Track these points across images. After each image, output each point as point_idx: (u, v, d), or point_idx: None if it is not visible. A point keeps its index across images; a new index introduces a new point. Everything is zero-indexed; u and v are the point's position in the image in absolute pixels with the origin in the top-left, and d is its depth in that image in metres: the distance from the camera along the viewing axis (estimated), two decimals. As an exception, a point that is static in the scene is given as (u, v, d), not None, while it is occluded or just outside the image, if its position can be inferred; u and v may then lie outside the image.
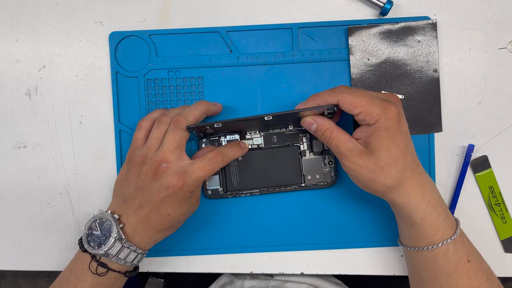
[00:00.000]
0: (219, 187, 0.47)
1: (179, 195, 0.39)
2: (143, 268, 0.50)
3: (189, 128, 0.41)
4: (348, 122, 0.48)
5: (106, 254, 0.39)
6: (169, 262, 0.49)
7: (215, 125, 0.41)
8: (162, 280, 0.75)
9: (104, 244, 0.39)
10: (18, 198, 0.49)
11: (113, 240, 0.39)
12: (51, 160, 0.49)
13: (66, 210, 0.49)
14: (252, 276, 0.58)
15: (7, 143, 0.49)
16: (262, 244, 0.49)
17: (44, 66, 0.49)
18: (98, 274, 0.40)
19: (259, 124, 0.44)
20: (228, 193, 0.47)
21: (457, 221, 0.41)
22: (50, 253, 0.50)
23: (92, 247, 0.39)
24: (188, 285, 0.65)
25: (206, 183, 0.47)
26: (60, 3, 0.48)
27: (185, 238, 0.49)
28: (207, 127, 0.41)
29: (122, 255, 0.40)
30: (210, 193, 0.47)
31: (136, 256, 0.41)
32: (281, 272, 0.50)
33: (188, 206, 0.41)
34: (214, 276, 0.61)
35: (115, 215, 0.40)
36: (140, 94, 0.48)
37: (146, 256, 0.49)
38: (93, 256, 0.40)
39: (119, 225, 0.40)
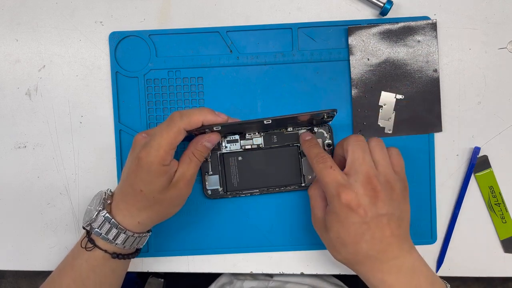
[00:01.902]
0: (219, 187, 0.47)
1: (144, 167, 0.38)
2: (143, 268, 0.50)
3: (188, 131, 0.41)
4: (348, 124, 0.48)
5: (91, 228, 0.40)
6: (169, 262, 0.49)
7: (215, 129, 0.41)
8: (162, 280, 0.75)
9: (89, 217, 0.40)
10: (18, 198, 0.49)
11: (95, 212, 0.40)
12: (51, 160, 0.49)
13: (66, 210, 0.49)
14: (252, 276, 0.58)
15: (7, 143, 0.49)
16: (262, 244, 0.49)
17: (44, 66, 0.49)
18: (86, 249, 0.41)
19: (259, 126, 0.44)
20: (228, 193, 0.47)
21: None
22: (50, 253, 0.50)
23: (84, 221, 0.41)
24: (188, 285, 0.65)
25: (206, 183, 0.47)
26: (60, 3, 0.48)
27: (185, 238, 0.49)
28: (206, 130, 0.41)
29: (103, 230, 0.40)
30: (210, 193, 0.47)
31: (118, 234, 0.40)
32: (281, 272, 0.50)
33: (160, 184, 0.39)
34: (214, 276, 0.61)
35: (108, 191, 0.42)
36: (140, 94, 0.48)
37: (146, 256, 0.49)
38: (87, 232, 0.41)
39: (107, 200, 0.41)
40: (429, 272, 0.39)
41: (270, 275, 0.57)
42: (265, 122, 0.40)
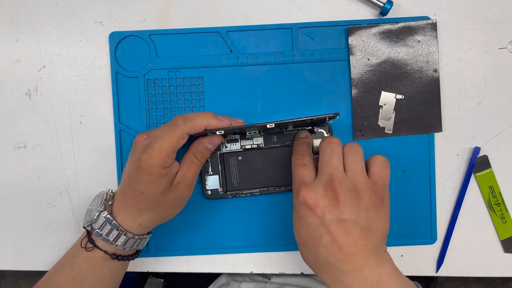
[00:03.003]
0: (219, 187, 0.47)
1: (145, 169, 0.38)
2: (143, 268, 0.50)
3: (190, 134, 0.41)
4: (348, 124, 0.48)
5: (92, 229, 0.40)
6: (169, 262, 0.49)
7: (217, 133, 0.41)
8: (162, 280, 0.75)
9: (90, 217, 0.40)
10: (18, 198, 0.49)
11: (96, 213, 0.40)
12: (51, 160, 0.49)
13: (66, 210, 0.49)
14: (250, 278, 0.58)
15: (7, 143, 0.49)
16: (262, 244, 0.49)
17: (44, 66, 0.49)
18: (86, 249, 0.41)
19: (260, 129, 0.44)
20: (228, 193, 0.47)
21: None
22: (50, 253, 0.50)
23: (84, 221, 0.41)
24: (188, 285, 0.65)
25: (206, 183, 0.47)
26: (60, 3, 0.48)
27: (185, 238, 0.49)
28: (208, 133, 0.41)
29: (104, 231, 0.40)
30: (210, 193, 0.47)
31: (119, 236, 0.40)
32: (281, 272, 0.50)
33: (161, 186, 0.39)
34: (213, 276, 0.61)
35: (110, 192, 0.42)
36: (140, 94, 0.48)
37: (146, 256, 0.49)
38: (88, 232, 0.41)
39: (108, 201, 0.41)
40: (401, 287, 0.36)
41: (268, 277, 0.57)
42: (268, 126, 0.40)
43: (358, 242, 0.35)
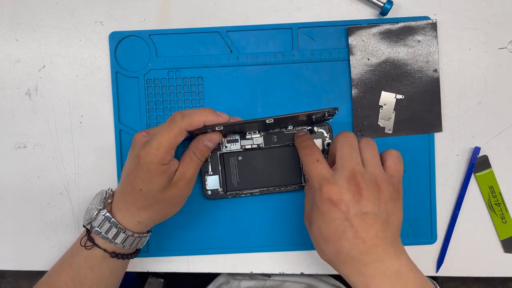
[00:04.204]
0: (219, 187, 0.47)
1: (144, 166, 0.38)
2: (143, 268, 0.50)
3: (189, 131, 0.41)
4: (348, 124, 0.48)
5: (91, 227, 0.40)
6: (169, 262, 0.49)
7: (217, 128, 0.41)
8: (162, 280, 0.75)
9: (89, 215, 0.40)
10: (18, 198, 0.49)
11: (96, 211, 0.40)
12: (51, 160, 0.49)
13: (66, 210, 0.49)
14: (250, 276, 0.58)
15: (7, 143, 0.49)
16: (262, 244, 0.49)
17: (44, 66, 0.49)
18: (85, 247, 0.41)
19: (260, 125, 0.44)
20: (228, 193, 0.47)
21: None
22: (50, 253, 0.50)
23: (84, 220, 0.41)
24: (188, 285, 0.65)
25: (206, 183, 0.47)
26: (60, 3, 0.48)
27: (185, 238, 0.49)
28: (207, 130, 0.41)
29: (103, 229, 0.40)
30: (210, 193, 0.47)
31: (118, 233, 0.40)
32: (281, 272, 0.50)
33: (160, 183, 0.39)
34: (213, 276, 0.61)
35: (109, 190, 0.42)
36: (140, 94, 0.48)
37: (146, 256, 0.49)
38: (87, 231, 0.41)
39: (107, 199, 0.41)
40: (418, 279, 0.37)
41: (268, 275, 0.57)
42: (267, 121, 0.40)
43: (379, 234, 0.36)
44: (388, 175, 0.39)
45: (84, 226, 0.41)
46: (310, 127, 0.47)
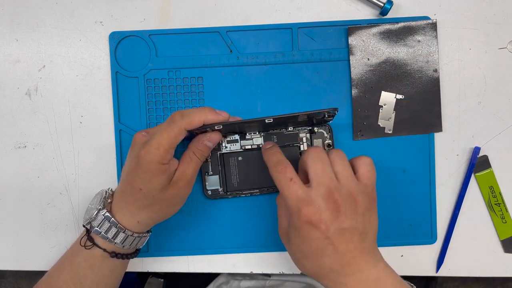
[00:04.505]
0: (219, 187, 0.47)
1: (143, 165, 0.38)
2: (143, 268, 0.50)
3: (189, 130, 0.41)
4: (348, 124, 0.48)
5: (91, 227, 0.40)
6: (169, 262, 0.49)
7: (216, 127, 0.41)
8: (162, 280, 0.75)
9: (89, 215, 0.40)
10: (18, 198, 0.49)
11: (95, 211, 0.40)
12: (51, 160, 0.49)
13: (66, 210, 0.49)
14: (249, 276, 0.58)
15: (7, 143, 0.49)
16: (262, 244, 0.49)
17: (44, 66, 0.49)
18: (85, 247, 0.41)
19: (259, 125, 0.44)
20: (228, 193, 0.47)
21: None
22: (50, 253, 0.50)
23: (84, 220, 0.41)
24: (188, 285, 0.65)
25: (206, 183, 0.47)
26: (60, 3, 0.48)
27: (185, 238, 0.49)
28: (207, 129, 0.41)
29: (103, 228, 0.40)
30: (210, 193, 0.47)
31: (117, 233, 0.40)
32: (281, 272, 0.50)
33: (160, 183, 0.39)
34: (213, 276, 0.61)
35: (109, 190, 0.42)
36: (140, 94, 0.48)
37: (146, 256, 0.49)
38: (87, 231, 0.41)
39: (107, 199, 0.41)
40: (396, 283, 0.37)
41: (268, 275, 0.57)
42: (266, 121, 0.40)
43: (358, 246, 0.37)
44: (362, 185, 0.38)
45: (84, 226, 0.41)
46: (310, 128, 0.47)
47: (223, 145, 0.47)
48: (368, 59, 0.48)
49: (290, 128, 0.47)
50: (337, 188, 0.36)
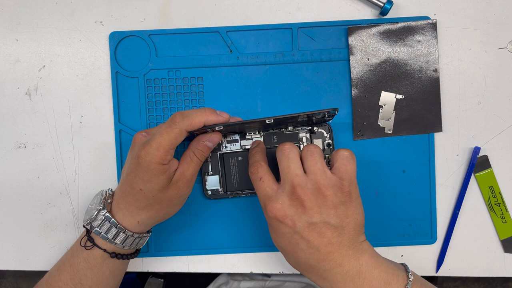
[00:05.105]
0: (219, 187, 0.47)
1: (143, 165, 0.38)
2: (143, 268, 0.50)
3: (189, 131, 0.41)
4: (348, 124, 0.48)
5: (91, 227, 0.40)
6: (169, 262, 0.49)
7: (216, 128, 0.41)
8: (162, 280, 0.75)
9: (89, 216, 0.40)
10: (18, 198, 0.49)
11: (95, 211, 0.40)
12: (51, 160, 0.49)
13: (66, 210, 0.49)
14: (249, 277, 0.58)
15: (7, 143, 0.49)
16: (262, 244, 0.49)
17: (44, 66, 0.49)
18: (85, 247, 0.41)
19: (260, 126, 0.44)
20: (228, 193, 0.47)
21: (406, 267, 0.39)
22: (50, 253, 0.50)
23: (84, 220, 0.41)
24: (188, 286, 0.65)
25: (206, 183, 0.47)
26: (60, 3, 0.48)
27: (185, 238, 0.49)
28: (207, 130, 0.41)
29: (103, 229, 0.40)
30: (210, 193, 0.47)
31: (118, 233, 0.40)
32: (281, 272, 0.50)
33: (160, 183, 0.39)
34: (213, 276, 0.61)
35: (109, 190, 0.42)
36: (140, 94, 0.48)
37: (146, 256, 0.49)
38: (87, 231, 0.41)
39: (107, 200, 0.41)
40: (382, 274, 0.37)
41: (268, 275, 0.57)
42: (267, 121, 0.40)
43: (333, 240, 0.37)
44: (336, 178, 0.38)
45: (84, 226, 0.41)
46: (310, 127, 0.47)
47: (223, 145, 0.47)
48: (368, 59, 0.48)
49: (290, 128, 0.47)
50: (302, 184, 0.37)
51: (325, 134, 0.47)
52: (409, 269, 0.38)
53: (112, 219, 0.40)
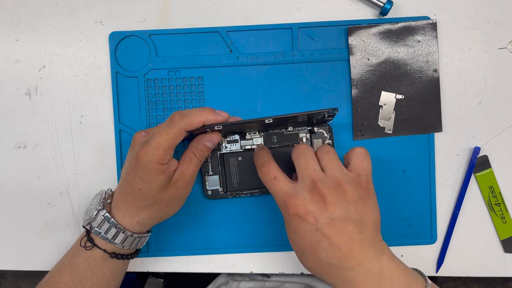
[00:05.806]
0: (219, 187, 0.47)
1: (143, 165, 0.38)
2: (143, 268, 0.50)
3: (188, 131, 0.41)
4: (348, 124, 0.48)
5: (91, 227, 0.40)
6: (169, 262, 0.49)
7: (216, 128, 0.41)
8: (162, 280, 0.75)
9: (89, 216, 0.40)
10: (18, 198, 0.49)
11: (95, 211, 0.40)
12: (51, 160, 0.49)
13: (66, 210, 0.49)
14: (249, 277, 0.58)
15: (7, 143, 0.49)
16: (262, 244, 0.49)
17: (44, 66, 0.49)
18: (85, 248, 0.41)
19: (260, 126, 0.44)
20: (228, 193, 0.47)
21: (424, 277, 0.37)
22: (50, 253, 0.50)
23: (83, 220, 0.41)
24: (188, 286, 0.65)
25: (206, 183, 0.47)
26: (60, 3, 0.48)
27: (185, 238, 0.49)
28: (207, 129, 0.41)
29: (102, 229, 0.40)
30: (210, 193, 0.47)
31: (117, 233, 0.40)
32: (281, 272, 0.50)
33: (159, 183, 0.39)
34: (213, 276, 0.61)
35: (109, 191, 0.42)
36: (140, 94, 0.48)
37: (146, 256, 0.49)
38: (87, 232, 0.41)
39: (107, 200, 0.41)
40: (402, 275, 0.36)
41: (268, 275, 0.57)
42: (266, 121, 0.40)
43: (354, 237, 0.36)
44: (354, 175, 0.38)
45: (83, 227, 0.41)
46: (310, 128, 0.47)
47: (223, 145, 0.47)
48: (368, 59, 0.48)
49: (290, 128, 0.47)
50: (322, 179, 0.37)
51: (325, 134, 0.47)
52: (425, 274, 0.38)
53: (112, 219, 0.40)
